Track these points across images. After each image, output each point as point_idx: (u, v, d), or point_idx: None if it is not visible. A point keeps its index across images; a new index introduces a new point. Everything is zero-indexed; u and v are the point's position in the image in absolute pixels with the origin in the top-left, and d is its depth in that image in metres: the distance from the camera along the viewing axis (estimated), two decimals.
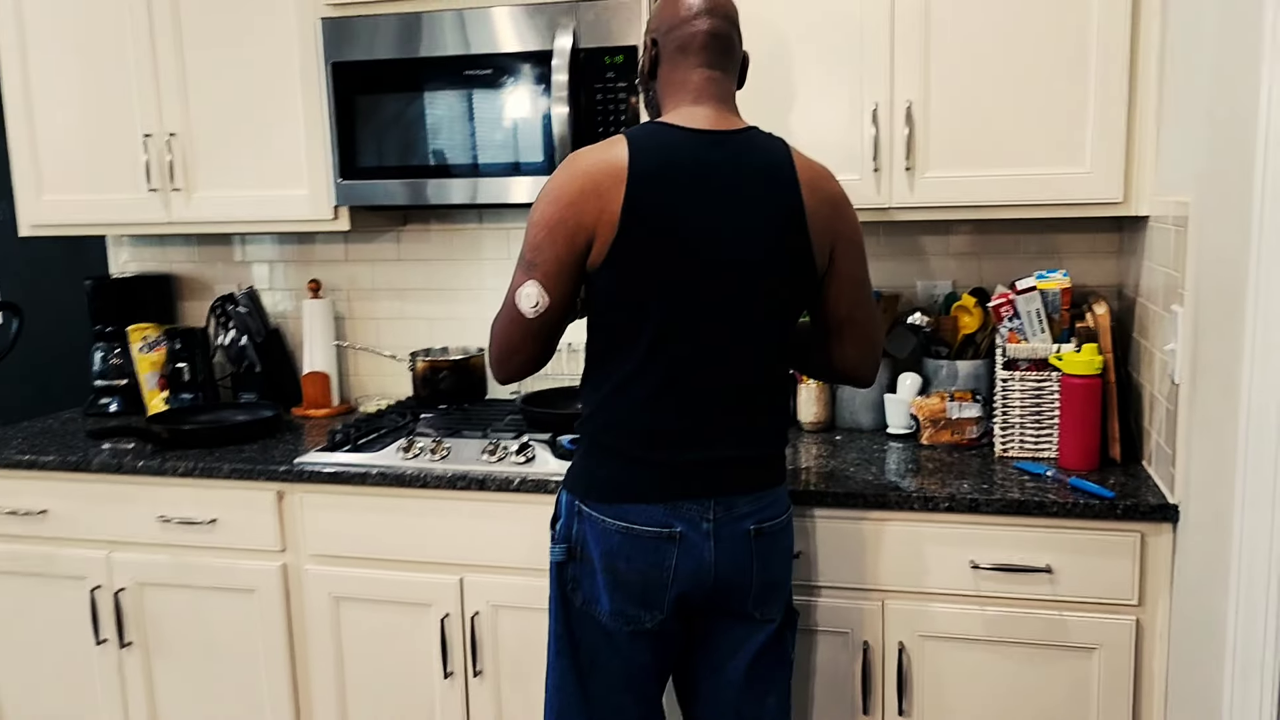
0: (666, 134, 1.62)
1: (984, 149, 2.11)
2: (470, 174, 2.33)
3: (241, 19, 2.48)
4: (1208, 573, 1.70)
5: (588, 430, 1.69)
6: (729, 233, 1.59)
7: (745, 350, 1.65)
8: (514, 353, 1.66)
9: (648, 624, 1.67)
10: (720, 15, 1.68)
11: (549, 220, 1.59)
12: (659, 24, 1.70)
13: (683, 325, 1.60)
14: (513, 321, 1.64)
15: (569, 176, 1.59)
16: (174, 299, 3.07)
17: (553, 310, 1.61)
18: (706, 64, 1.67)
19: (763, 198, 1.61)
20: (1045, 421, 2.13)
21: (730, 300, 1.61)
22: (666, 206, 1.57)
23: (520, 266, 1.62)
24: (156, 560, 2.39)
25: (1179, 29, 1.89)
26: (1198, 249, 1.72)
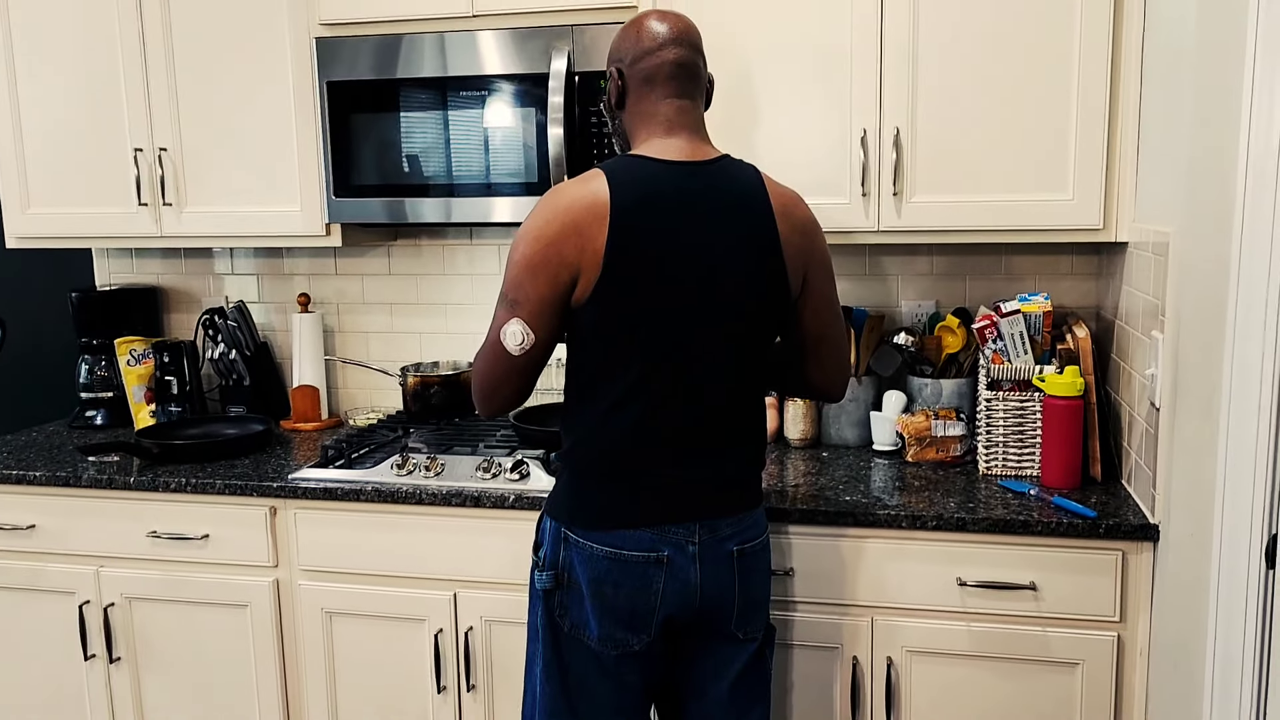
0: (643, 167, 1.64)
1: (970, 175, 2.16)
2: (465, 193, 2.36)
3: (234, 36, 2.49)
4: (1187, 591, 1.76)
5: (573, 458, 1.71)
6: (709, 263, 1.63)
7: (726, 375, 1.68)
8: (498, 389, 1.68)
9: (635, 647, 1.70)
10: (686, 44, 1.70)
11: (530, 260, 1.59)
12: (623, 53, 1.71)
13: (667, 355, 1.63)
14: (498, 359, 1.64)
15: (550, 215, 1.59)
16: (159, 311, 3.07)
17: (538, 347, 1.63)
18: (675, 94, 1.69)
19: (739, 227, 1.65)
20: (1027, 440, 2.19)
21: (712, 328, 1.64)
22: (649, 241, 1.60)
23: (502, 304, 1.63)
24: (146, 575, 2.40)
25: (1158, 63, 1.96)
26: (1178, 277, 1.78)
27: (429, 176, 2.37)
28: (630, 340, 1.62)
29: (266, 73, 2.49)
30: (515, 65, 2.29)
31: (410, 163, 2.38)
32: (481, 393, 1.70)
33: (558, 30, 2.26)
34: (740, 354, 1.69)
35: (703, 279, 1.63)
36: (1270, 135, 1.49)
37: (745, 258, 1.65)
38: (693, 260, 1.62)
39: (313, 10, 2.42)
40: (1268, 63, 1.50)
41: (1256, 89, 1.52)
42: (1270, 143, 1.50)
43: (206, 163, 2.57)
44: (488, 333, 1.66)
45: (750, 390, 1.74)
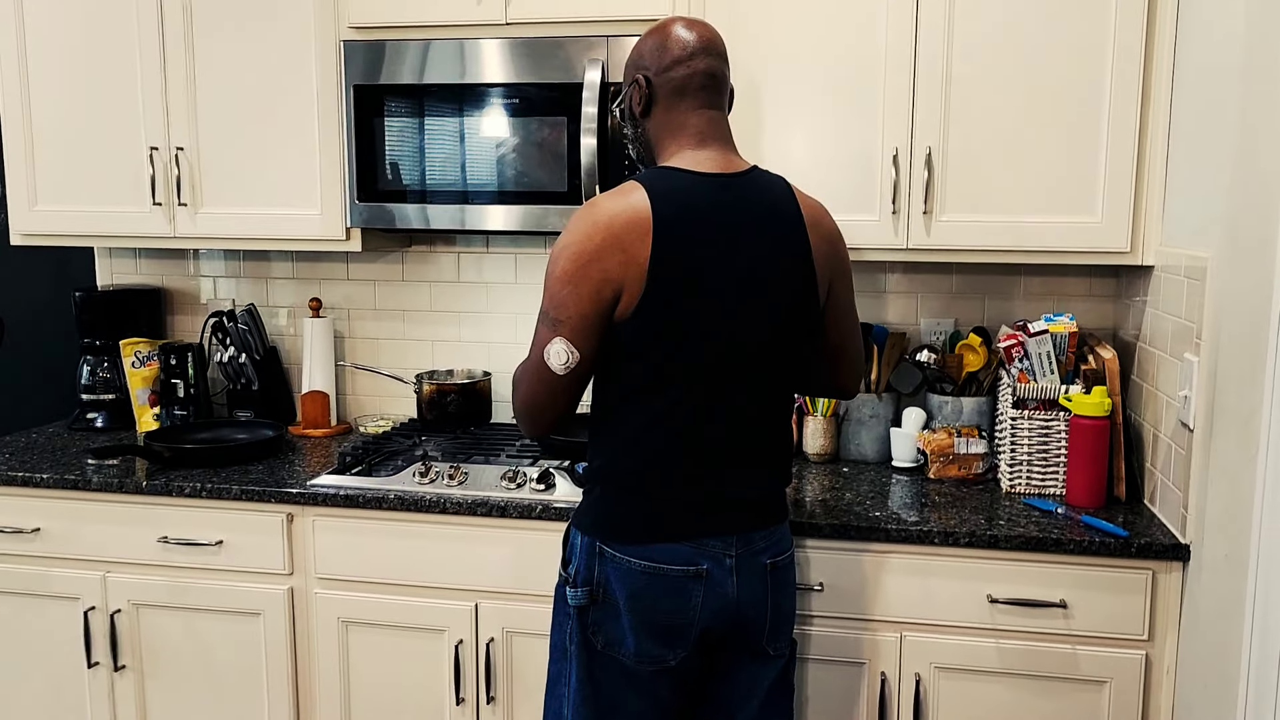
0: (681, 180, 1.63)
1: (999, 196, 2.19)
2: (494, 200, 2.34)
3: (256, 36, 2.47)
4: (1221, 611, 1.78)
5: (608, 473, 1.68)
6: (748, 276, 1.63)
7: (762, 387, 1.68)
8: (545, 409, 1.65)
9: (671, 662, 1.69)
10: (714, 54, 1.69)
11: (572, 275, 1.57)
12: (650, 62, 1.70)
13: (707, 369, 1.63)
14: (542, 379, 1.62)
15: (590, 230, 1.57)
16: (163, 313, 3.02)
17: (583, 365, 1.60)
18: (706, 104, 1.69)
19: (774, 239, 1.66)
20: (1052, 459, 2.20)
21: (750, 341, 1.64)
22: (691, 255, 1.59)
23: (544, 322, 1.60)
24: (156, 582, 2.35)
25: (1191, 91, 1.99)
26: (1217, 300, 1.81)
27: (456, 183, 2.36)
28: (671, 355, 1.61)
29: (290, 74, 2.47)
30: (548, 74, 2.28)
31: (438, 168, 2.36)
32: (529, 413, 1.67)
33: (591, 41, 2.26)
34: (775, 366, 1.69)
35: (742, 292, 1.63)
36: None
37: (781, 270, 1.66)
38: (732, 274, 1.62)
39: (342, 13, 2.40)
40: None
41: None
42: None
43: (224, 163, 2.54)
44: (530, 351, 1.64)
45: (783, 402, 1.74)
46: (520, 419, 1.70)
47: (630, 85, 1.74)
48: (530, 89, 2.29)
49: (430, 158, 2.36)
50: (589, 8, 2.28)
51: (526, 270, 2.79)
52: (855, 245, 2.24)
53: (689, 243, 1.59)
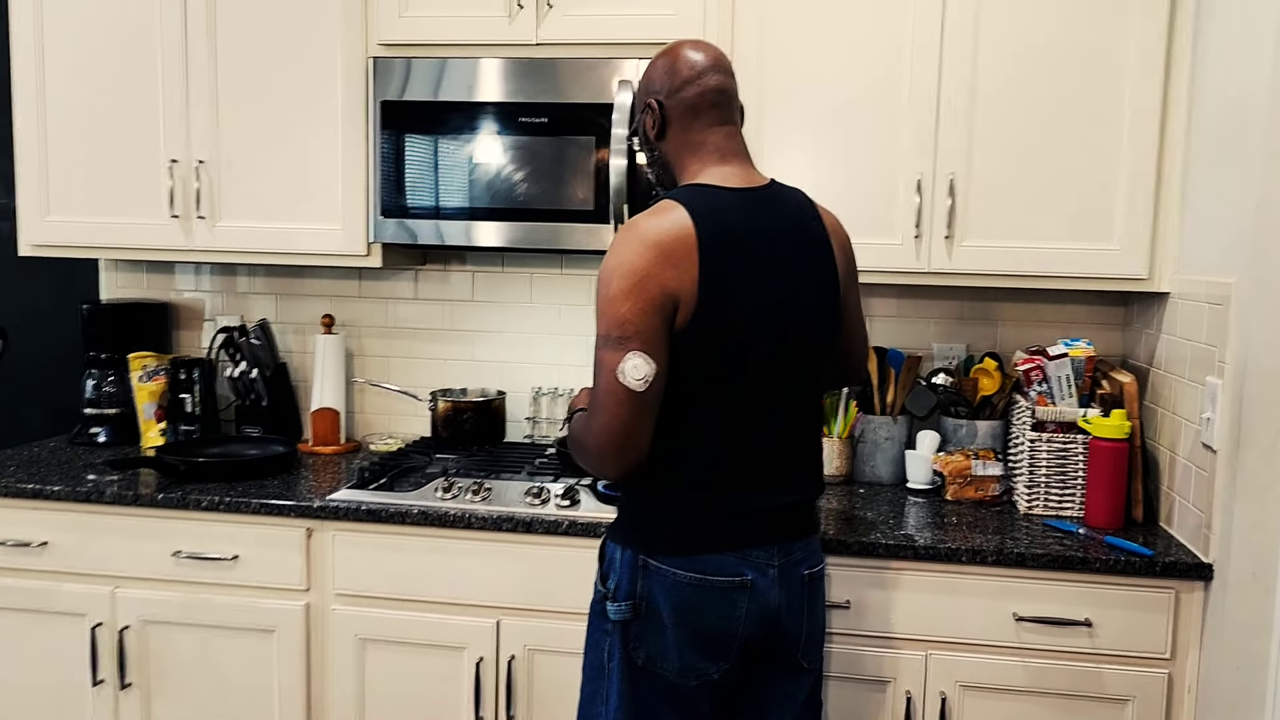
0: (715, 196, 1.66)
1: (1019, 222, 2.24)
2: (519, 218, 2.36)
3: (282, 51, 2.48)
4: (1246, 630, 1.81)
5: (650, 485, 1.68)
6: (785, 288, 1.66)
7: (799, 396, 1.71)
8: (630, 436, 1.58)
9: (714, 675, 1.69)
10: (724, 70, 1.73)
11: (630, 291, 1.56)
12: (661, 85, 1.73)
13: (751, 380, 1.65)
14: (622, 404, 1.56)
15: (640, 247, 1.57)
16: (169, 327, 2.99)
17: (660, 379, 1.57)
18: (721, 120, 1.72)
19: (807, 252, 1.70)
20: (1070, 481, 2.24)
21: (790, 352, 1.67)
22: (735, 269, 1.61)
23: (606, 347, 1.57)
24: (166, 598, 2.31)
25: (1211, 122, 2.06)
26: (1242, 324, 1.86)
27: (482, 200, 2.37)
28: (718, 368, 1.63)
29: (315, 89, 2.47)
30: (578, 94, 2.31)
31: (462, 185, 2.37)
32: (613, 447, 1.59)
33: (620, 63, 2.29)
34: (810, 374, 1.72)
35: (783, 305, 1.65)
36: None
37: (814, 282, 1.70)
38: (774, 287, 1.65)
39: (371, 30, 2.42)
40: None
41: None
42: None
43: (244, 176, 2.53)
44: (595, 388, 1.59)
45: (817, 410, 1.78)
46: (604, 458, 1.61)
47: (643, 111, 1.76)
48: (559, 108, 2.32)
49: (455, 175, 2.37)
50: (619, 30, 2.31)
51: (541, 290, 2.80)
52: (878, 268, 2.29)
53: (733, 257, 1.61)
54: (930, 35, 2.23)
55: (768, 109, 2.30)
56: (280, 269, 2.91)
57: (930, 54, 2.23)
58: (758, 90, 2.29)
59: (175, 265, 2.97)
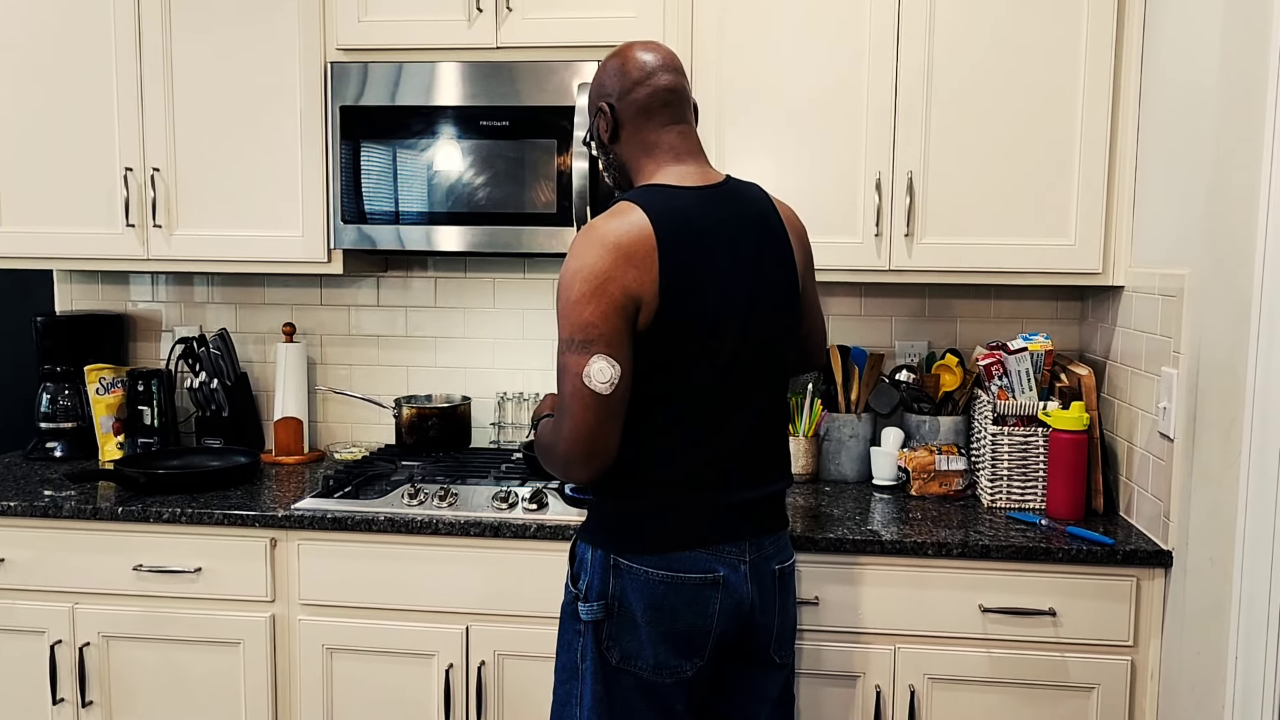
0: (672, 195, 1.66)
1: (977, 219, 2.27)
2: (481, 222, 2.35)
3: (239, 57, 2.45)
4: (1206, 614, 1.85)
5: (620, 485, 1.67)
6: (747, 283, 1.67)
7: (764, 391, 1.73)
8: (599, 437, 1.57)
9: (688, 672, 1.69)
10: (674, 69, 1.74)
11: (592, 295, 1.55)
12: (612, 87, 1.73)
13: (718, 378, 1.65)
14: (588, 408, 1.56)
15: (601, 250, 1.57)
16: (126, 339, 2.94)
17: (624, 381, 1.57)
18: (674, 120, 1.72)
19: (767, 247, 1.71)
20: (1031, 474, 2.27)
21: (755, 346, 1.68)
22: (695, 267, 1.62)
23: (570, 351, 1.56)
24: (128, 612, 2.27)
25: (1161, 118, 2.10)
26: (1196, 315, 1.90)
27: (443, 204, 2.36)
28: (685, 367, 1.63)
29: (273, 95, 2.45)
30: (539, 97, 2.31)
31: (424, 190, 2.36)
32: (582, 451, 1.58)
33: (581, 65, 2.30)
34: (775, 367, 1.74)
35: (746, 301, 1.66)
36: None
37: (775, 278, 1.71)
38: (737, 283, 1.66)
39: (329, 34, 2.40)
40: None
41: (1277, 136, 1.65)
42: None
43: (201, 185, 2.50)
44: (560, 393, 1.59)
45: (783, 404, 1.79)
46: (573, 462, 1.60)
47: (596, 114, 1.76)
48: (520, 111, 2.32)
49: (416, 179, 2.36)
50: (579, 33, 2.32)
51: (505, 295, 2.80)
52: (840, 266, 2.31)
53: (693, 255, 1.62)
54: (886, 35, 2.25)
55: (728, 111, 2.31)
56: (239, 278, 2.88)
57: (886, 54, 2.26)
58: (718, 92, 2.31)
59: (131, 276, 2.93)
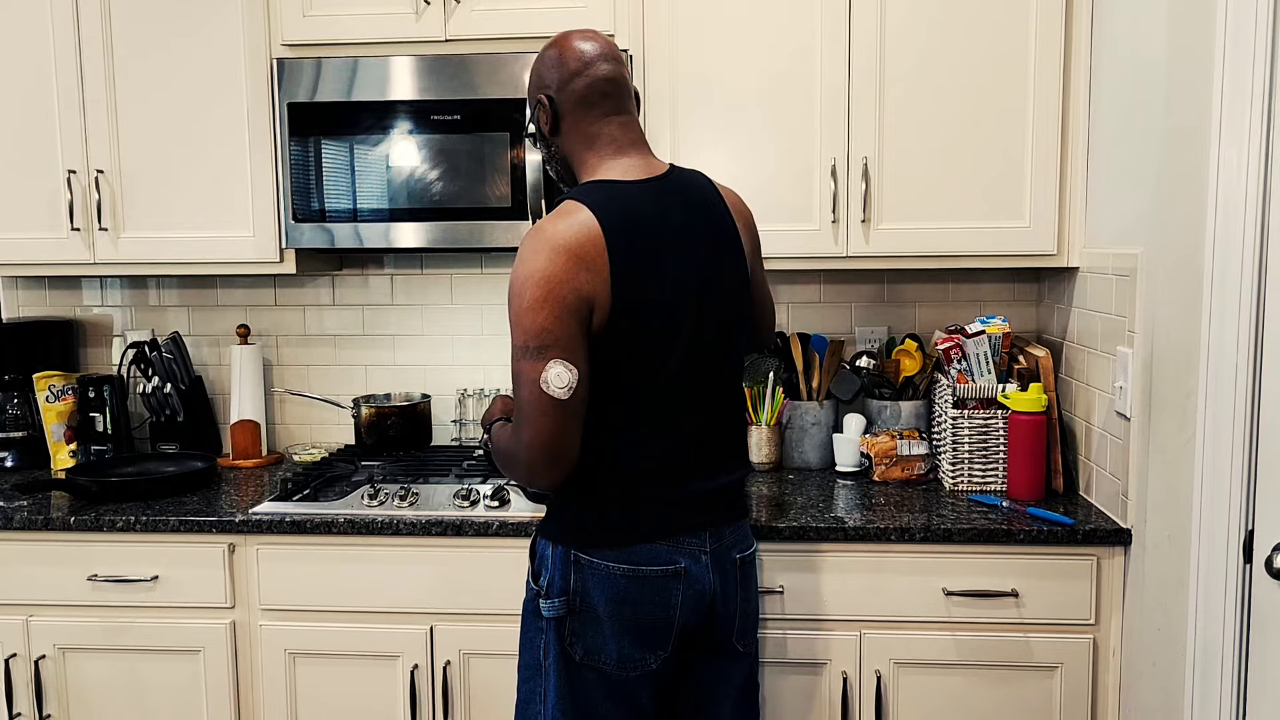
0: (618, 191, 1.63)
1: (934, 203, 2.27)
2: (437, 218, 2.32)
3: (182, 55, 2.40)
4: (1166, 590, 1.86)
5: (580, 480, 1.65)
6: (698, 274, 1.66)
7: (720, 380, 1.72)
8: (561, 443, 1.56)
9: (653, 665, 1.68)
10: (613, 59, 1.70)
11: (545, 300, 1.53)
12: (549, 80, 1.70)
13: (674, 372, 1.64)
14: (548, 414, 1.54)
15: (551, 253, 1.54)
16: (76, 345, 2.89)
17: (583, 384, 1.55)
18: (614, 111, 1.69)
19: (714, 237, 1.70)
20: (992, 456, 2.28)
21: (706, 338, 1.67)
22: (646, 264, 1.60)
23: (526, 358, 1.54)
24: (84, 623, 2.23)
25: (1111, 100, 2.11)
26: (1149, 294, 1.91)
27: (397, 201, 2.32)
28: (641, 364, 1.62)
29: (219, 92, 2.40)
30: (490, 90, 2.28)
31: (376, 187, 2.33)
32: (544, 459, 1.56)
33: (532, 57, 2.27)
34: (730, 355, 1.73)
35: (699, 291, 1.65)
36: (1238, 156, 1.64)
37: (725, 266, 1.70)
38: (688, 276, 1.64)
39: (274, 30, 2.36)
40: (1234, 92, 1.64)
41: (1225, 119, 1.67)
42: (1239, 164, 1.64)
43: (148, 186, 2.45)
44: (518, 400, 1.56)
45: (738, 393, 1.80)
46: (536, 470, 1.58)
47: (535, 107, 1.73)
48: (472, 105, 2.29)
49: (368, 176, 2.33)
50: (529, 24, 2.29)
51: (462, 291, 2.77)
52: (797, 254, 2.30)
53: (642, 252, 1.60)
54: (838, 20, 2.25)
55: (681, 100, 2.30)
56: (192, 280, 2.83)
57: (839, 39, 2.25)
58: (670, 82, 2.29)
59: (81, 280, 2.87)
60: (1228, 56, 1.66)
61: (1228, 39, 1.65)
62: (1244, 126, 1.63)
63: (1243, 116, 1.63)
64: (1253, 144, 1.62)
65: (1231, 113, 1.65)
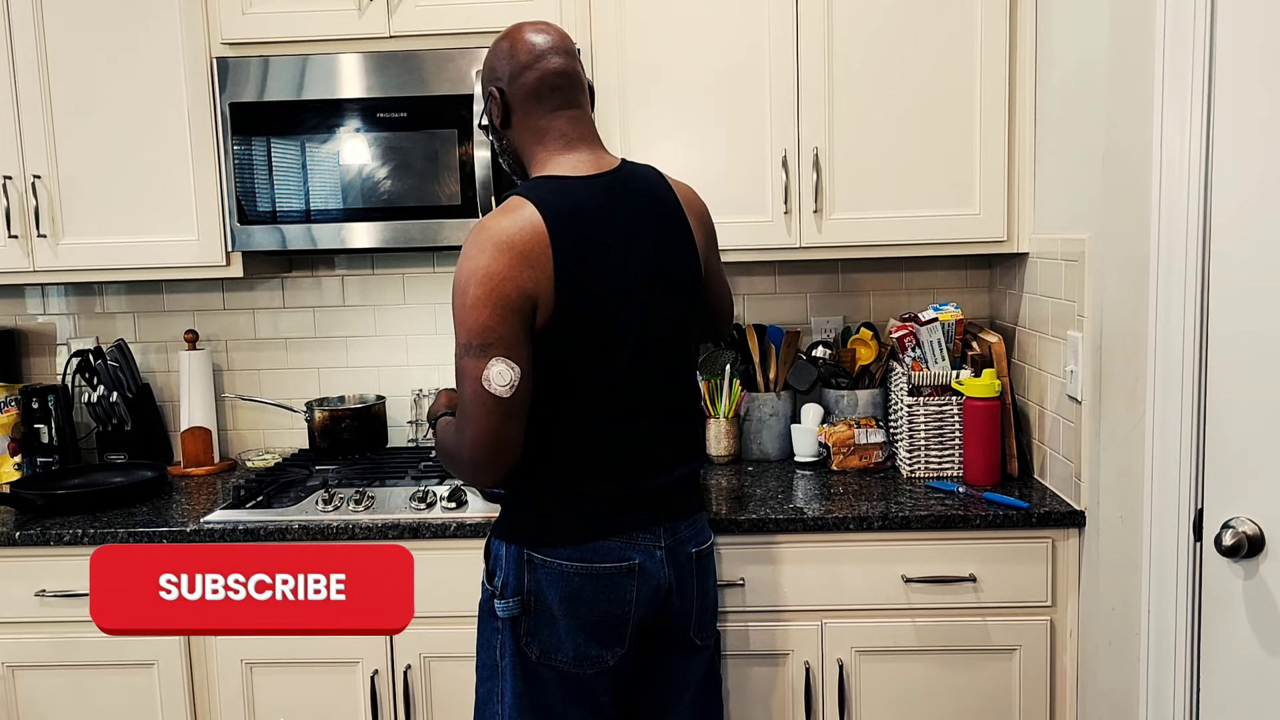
0: (564, 187, 1.62)
1: (885, 193, 2.28)
2: (384, 217, 2.29)
3: (120, 56, 2.35)
4: (1119, 569, 1.89)
5: (532, 479, 1.65)
6: (646, 270, 1.65)
7: (672, 374, 1.72)
8: (503, 440, 1.55)
9: (610, 662, 1.68)
10: (565, 52, 1.68)
11: (487, 298, 1.52)
12: (500, 72, 1.68)
13: (624, 366, 1.63)
14: (490, 412, 1.53)
15: (494, 250, 1.53)
16: (19, 355, 2.82)
17: (525, 382, 1.55)
18: (564, 105, 1.67)
19: (663, 230, 1.69)
20: (948, 442, 2.30)
21: (656, 332, 1.66)
22: (591, 261, 1.59)
23: (469, 355, 1.53)
24: (33, 640, 2.18)
25: (1056, 87, 2.13)
26: (1097, 279, 1.93)
27: (345, 201, 2.29)
28: (589, 360, 1.61)
29: (158, 94, 2.35)
30: (436, 86, 2.25)
31: (323, 187, 2.29)
32: (486, 456, 1.56)
33: (478, 52, 2.24)
34: (680, 349, 1.73)
35: (647, 286, 1.64)
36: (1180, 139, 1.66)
37: (675, 261, 1.70)
38: (635, 270, 1.63)
39: (213, 29, 2.31)
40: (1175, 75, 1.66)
41: (1167, 101, 1.69)
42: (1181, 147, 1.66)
43: (88, 191, 2.39)
44: (460, 398, 1.56)
45: (692, 386, 1.79)
46: (479, 468, 1.58)
47: (488, 99, 1.71)
48: (418, 102, 2.25)
49: (315, 176, 2.29)
50: (474, 19, 2.26)
51: (415, 290, 2.74)
52: (751, 246, 2.30)
53: (588, 248, 1.59)
54: (786, 10, 2.24)
55: (631, 93, 2.29)
56: (138, 286, 2.77)
57: (787, 29, 2.25)
58: (619, 76, 2.28)
59: (24, 289, 2.80)
60: (1168, 41, 1.67)
61: (1168, 25, 1.67)
62: (1185, 110, 1.65)
63: (1184, 101, 1.65)
64: (1194, 128, 1.64)
65: (1173, 97, 1.67)
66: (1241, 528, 1.56)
